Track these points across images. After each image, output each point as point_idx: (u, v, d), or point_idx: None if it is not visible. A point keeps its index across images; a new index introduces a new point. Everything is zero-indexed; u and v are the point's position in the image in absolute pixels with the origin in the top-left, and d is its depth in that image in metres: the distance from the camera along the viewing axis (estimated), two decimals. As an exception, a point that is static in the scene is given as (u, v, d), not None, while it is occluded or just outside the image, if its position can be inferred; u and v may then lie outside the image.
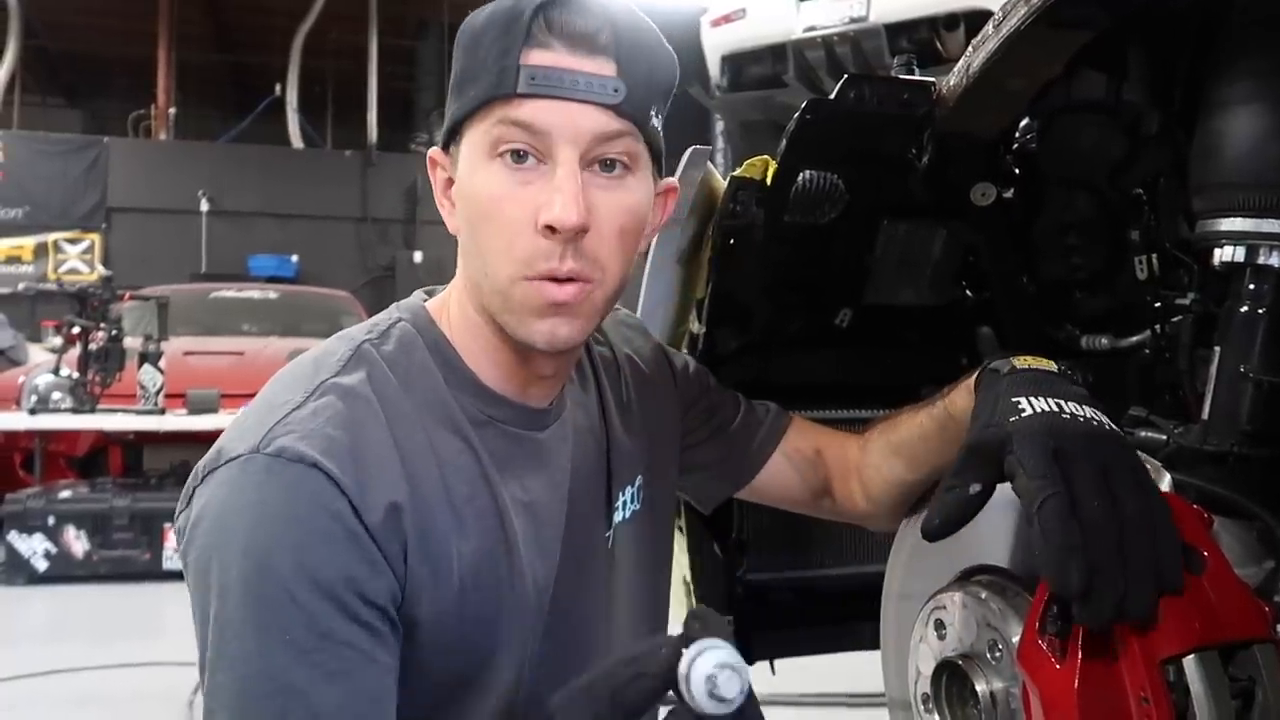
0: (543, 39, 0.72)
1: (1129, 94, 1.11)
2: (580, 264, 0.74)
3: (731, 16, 5.00)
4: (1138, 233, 1.16)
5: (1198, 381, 1.06)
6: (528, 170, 0.73)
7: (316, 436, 0.69)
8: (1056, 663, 0.70)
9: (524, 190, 0.73)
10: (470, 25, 0.75)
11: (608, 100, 0.72)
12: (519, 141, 0.72)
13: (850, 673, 1.81)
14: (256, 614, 0.65)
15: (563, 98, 0.71)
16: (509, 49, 0.71)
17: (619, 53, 0.73)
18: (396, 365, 0.77)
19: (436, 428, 0.76)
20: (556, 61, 0.72)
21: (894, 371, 1.46)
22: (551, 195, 0.71)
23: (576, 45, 0.72)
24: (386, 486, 0.70)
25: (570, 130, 0.72)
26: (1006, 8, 0.98)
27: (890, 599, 1.10)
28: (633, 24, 0.75)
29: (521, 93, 0.71)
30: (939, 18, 4.23)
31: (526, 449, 0.82)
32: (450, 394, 0.78)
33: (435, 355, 0.79)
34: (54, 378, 4.56)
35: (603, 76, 0.72)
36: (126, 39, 11.50)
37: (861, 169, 1.23)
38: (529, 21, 0.71)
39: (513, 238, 0.73)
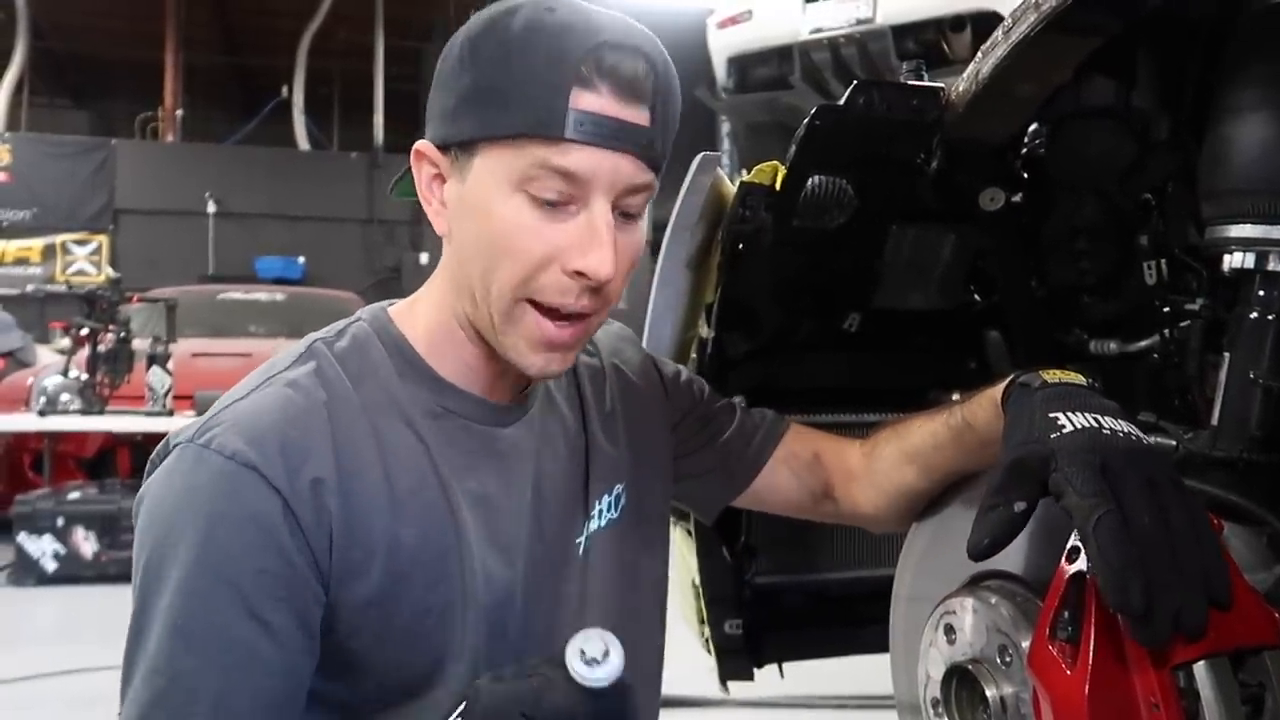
0: (592, 81, 0.70)
1: (1138, 99, 1.11)
2: (594, 302, 0.75)
3: (737, 18, 4.99)
4: (1146, 238, 1.16)
5: (1207, 387, 1.06)
6: (556, 208, 0.72)
7: (247, 426, 0.70)
8: (1067, 668, 0.70)
9: (549, 228, 0.72)
10: (500, 33, 0.71)
11: (643, 152, 0.72)
12: (556, 188, 0.71)
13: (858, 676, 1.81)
14: (159, 599, 0.68)
15: (607, 147, 0.70)
16: (558, 87, 0.69)
17: (655, 100, 0.72)
18: (348, 360, 0.78)
19: (384, 418, 0.76)
20: (604, 108, 0.70)
21: (902, 375, 1.46)
22: (589, 245, 0.72)
23: (622, 91, 0.71)
24: (312, 465, 0.71)
25: (609, 179, 0.72)
26: (1016, 14, 0.98)
27: (899, 602, 1.10)
28: (665, 67, 0.73)
29: (569, 138, 0.69)
30: (945, 19, 4.22)
31: (484, 444, 0.81)
32: (403, 388, 0.78)
33: (390, 350, 0.80)
34: (63, 379, 4.58)
35: (641, 126, 0.72)
36: (133, 41, 11.53)
37: (870, 174, 1.23)
38: (579, 61, 0.69)
39: (531, 271, 0.73)
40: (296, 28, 10.81)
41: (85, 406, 4.46)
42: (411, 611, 0.75)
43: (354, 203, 10.79)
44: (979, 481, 1.01)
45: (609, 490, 0.91)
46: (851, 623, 1.44)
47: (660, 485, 0.98)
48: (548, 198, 0.71)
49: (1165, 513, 0.63)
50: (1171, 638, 0.64)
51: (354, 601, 0.72)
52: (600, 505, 0.90)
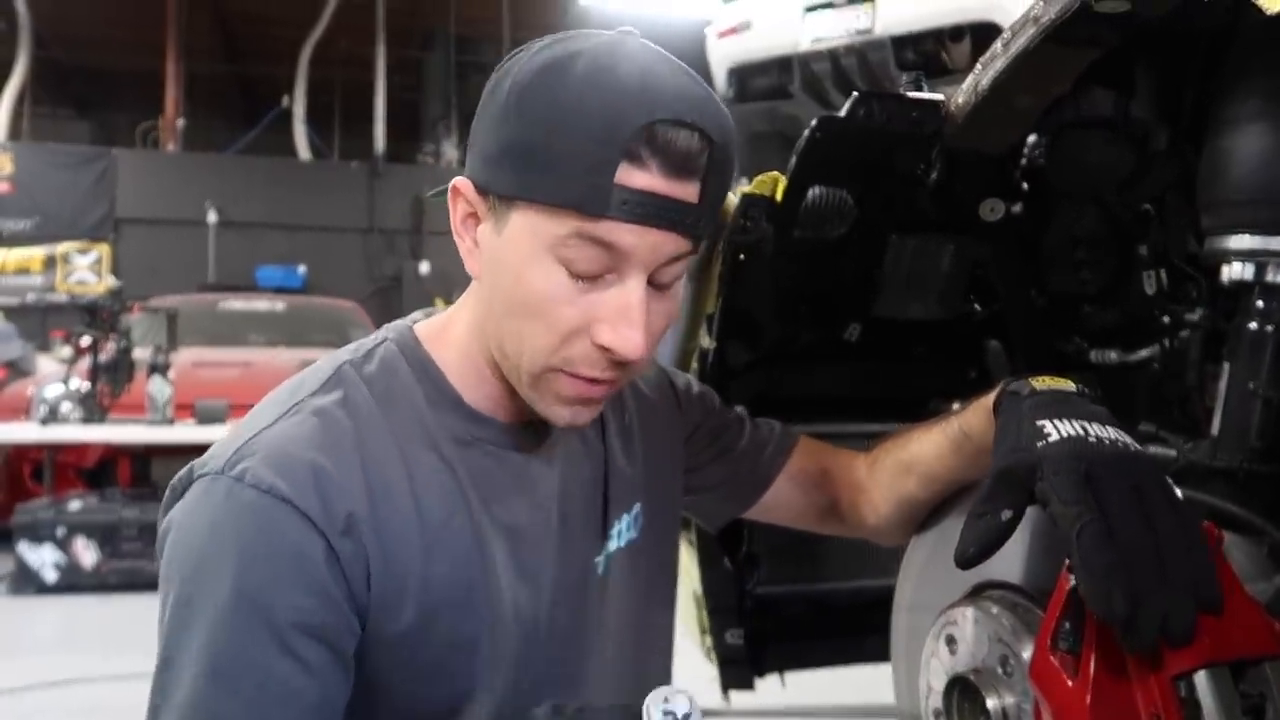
0: (643, 157, 0.66)
1: (1137, 110, 1.12)
2: (623, 374, 0.74)
3: (737, 28, 5.01)
4: (1146, 248, 1.17)
5: (1207, 397, 1.06)
6: (592, 278, 0.70)
7: (279, 457, 0.69)
8: (1069, 679, 0.70)
9: (583, 297, 0.70)
10: (553, 90, 0.67)
11: (688, 230, 0.70)
12: (591, 258, 0.69)
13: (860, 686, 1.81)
14: (191, 633, 0.66)
15: (650, 225, 0.68)
16: (605, 164, 0.66)
17: (707, 174, 0.68)
18: (376, 385, 0.76)
19: (414, 447, 0.75)
20: (652, 185, 0.67)
21: (903, 385, 1.47)
22: (618, 321, 0.70)
23: (673, 169, 0.67)
24: (347, 499, 0.70)
25: (649, 256, 0.69)
26: (1015, 26, 0.99)
27: (901, 612, 1.10)
28: (723, 138, 0.69)
29: (611, 215, 0.67)
30: (944, 30, 4.23)
31: (512, 470, 0.80)
32: (432, 414, 0.77)
33: (419, 375, 0.78)
34: (64, 389, 4.57)
35: (688, 204, 0.68)
36: (135, 51, 11.57)
37: (871, 185, 1.24)
38: (631, 136, 0.65)
39: (561, 339, 0.71)
40: (298, 37, 10.84)
41: (86, 416, 4.46)
42: (440, 645, 0.74)
43: (355, 212, 10.81)
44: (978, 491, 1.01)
45: (628, 510, 0.90)
46: (853, 632, 1.44)
47: (674, 501, 0.98)
48: (582, 269, 0.69)
49: (1151, 519, 0.63)
50: (1170, 647, 0.64)
51: (387, 636, 0.72)
52: (620, 525, 0.89)
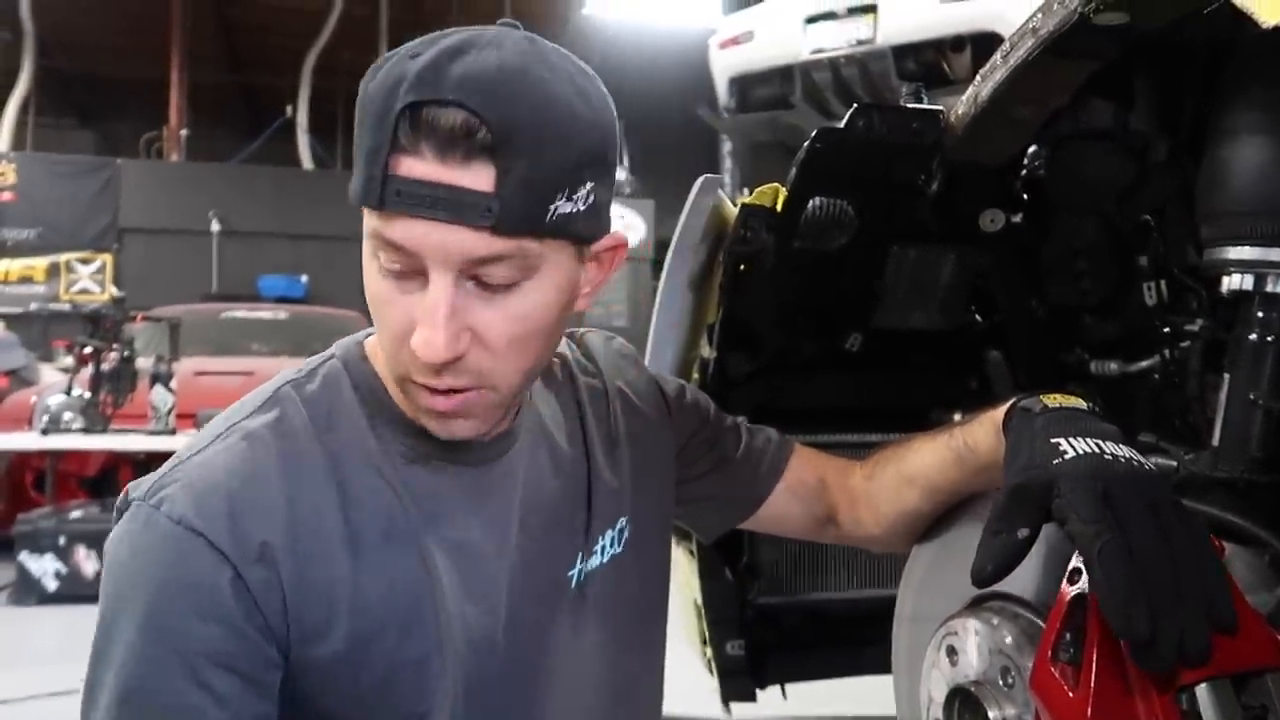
0: (411, 143, 0.62)
1: (1136, 122, 1.12)
2: (461, 379, 0.68)
3: (739, 39, 5.03)
4: (1146, 259, 1.17)
5: (1207, 407, 1.06)
6: (406, 279, 0.67)
7: (196, 486, 0.68)
8: (1070, 690, 0.70)
9: (403, 299, 0.67)
10: (364, 87, 0.66)
11: (482, 221, 0.62)
12: (393, 259, 0.66)
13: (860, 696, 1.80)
14: (108, 660, 0.67)
15: (431, 217, 0.63)
16: (378, 151, 0.63)
17: (502, 151, 0.62)
18: (316, 405, 0.74)
19: (351, 466, 0.73)
20: (425, 173, 0.62)
21: (904, 395, 1.47)
22: (421, 322, 0.65)
23: (448, 150, 0.62)
24: (262, 527, 0.68)
25: (440, 254, 0.64)
26: (1015, 38, 0.99)
27: (902, 623, 1.10)
28: (527, 106, 0.63)
29: (388, 209, 0.63)
30: (945, 40, 4.25)
31: (462, 485, 0.77)
32: (374, 431, 0.75)
33: (361, 392, 0.76)
34: (66, 398, 4.57)
35: (475, 192, 0.62)
36: (139, 61, 11.61)
37: (871, 196, 1.24)
38: (395, 121, 0.62)
39: (395, 345, 0.69)
40: (301, 48, 10.88)
41: (88, 425, 4.46)
42: (385, 666, 0.72)
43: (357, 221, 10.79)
44: (980, 502, 1.01)
45: (612, 525, 0.87)
46: (854, 643, 1.44)
47: (663, 512, 0.95)
48: (390, 268, 0.66)
49: (1168, 538, 0.63)
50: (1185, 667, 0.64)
51: (320, 661, 0.70)
52: (603, 541, 0.86)
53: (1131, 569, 0.61)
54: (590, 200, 0.67)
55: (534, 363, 0.72)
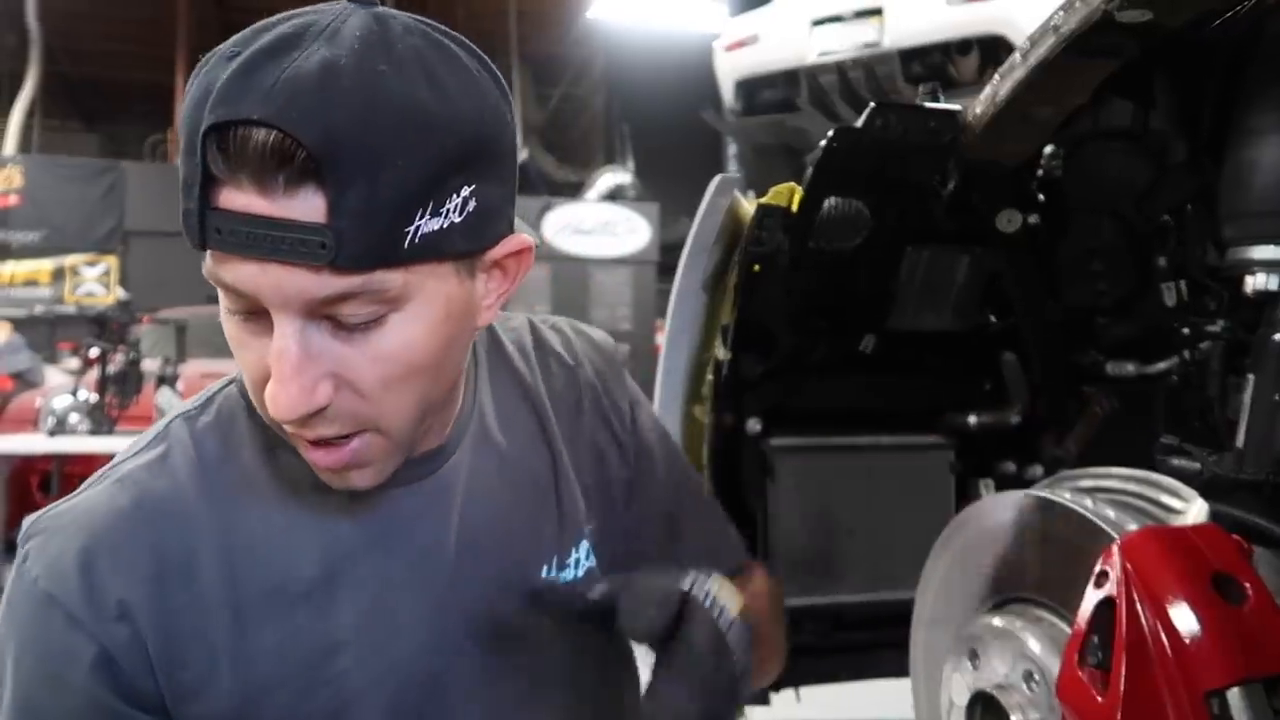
0: (224, 171, 0.52)
1: (1156, 121, 1.12)
2: (334, 427, 0.58)
3: (745, 41, 5.02)
4: (1165, 259, 1.16)
5: (1229, 409, 1.05)
6: (255, 320, 0.57)
7: (53, 542, 0.62)
8: (1098, 695, 0.69)
9: (256, 342, 0.57)
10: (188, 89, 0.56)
11: (316, 258, 0.52)
12: (232, 302, 0.57)
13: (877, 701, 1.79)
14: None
15: (258, 257, 0.53)
16: (191, 183, 0.53)
17: (330, 175, 0.51)
18: (206, 441, 0.66)
19: (244, 510, 0.65)
20: (245, 205, 0.52)
21: (917, 397, 1.46)
22: (273, 375, 0.56)
23: (265, 178, 0.51)
24: (120, 584, 0.61)
25: (277, 297, 0.54)
26: (1034, 37, 0.98)
27: (920, 626, 1.09)
28: (355, 115, 0.51)
29: (212, 248, 0.54)
30: (952, 43, 4.24)
31: (382, 511, 0.67)
32: (274, 463, 0.66)
33: (258, 419, 0.66)
34: (72, 400, 4.58)
35: (304, 224, 0.51)
36: (144, 65, 11.64)
37: (886, 196, 1.23)
38: (202, 149, 0.52)
39: (256, 391, 0.59)
40: (306, 51, 10.92)
41: (94, 427, 4.46)
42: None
43: (362, 224, 10.85)
44: (1000, 504, 1.00)
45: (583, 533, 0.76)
46: (869, 647, 1.43)
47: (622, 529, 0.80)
48: (234, 310, 0.57)
49: None
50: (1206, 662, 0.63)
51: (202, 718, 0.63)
52: (578, 553, 0.75)
53: None
54: (469, 208, 0.56)
55: (424, 397, 0.61)
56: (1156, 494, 0.87)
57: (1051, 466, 1.38)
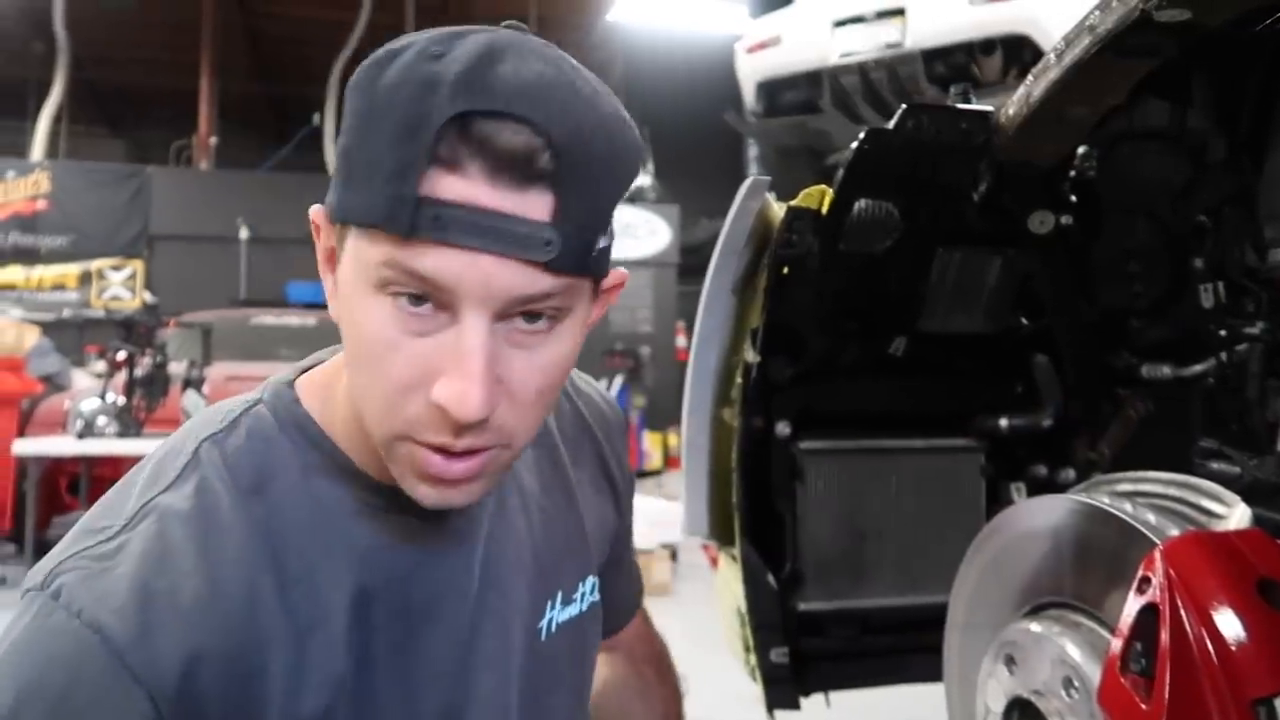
0: (454, 158, 0.51)
1: (1194, 120, 1.10)
2: (482, 438, 0.57)
3: (766, 43, 5.01)
4: (1202, 260, 1.14)
5: (1269, 412, 1.04)
6: (423, 317, 0.55)
7: (101, 578, 0.57)
8: (1142, 703, 0.68)
9: (417, 343, 0.55)
10: (370, 83, 0.55)
11: (537, 256, 0.53)
12: (414, 288, 0.54)
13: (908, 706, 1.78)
14: None
15: (477, 249, 0.52)
16: (407, 167, 0.52)
17: (562, 177, 0.52)
18: (239, 466, 0.63)
19: (289, 536, 0.62)
20: (471, 196, 0.52)
21: (948, 400, 1.45)
22: (451, 372, 0.54)
23: (501, 172, 0.52)
24: (184, 635, 0.57)
25: (482, 291, 0.53)
26: (1070, 37, 0.97)
27: (954, 631, 1.08)
28: (576, 138, 0.53)
29: (419, 236, 0.52)
30: (975, 43, 4.22)
31: (418, 540, 0.66)
32: (310, 487, 0.64)
33: (295, 441, 0.65)
34: (100, 403, 4.62)
35: (533, 222, 0.52)
36: (169, 71, 11.75)
37: (917, 197, 1.23)
38: (439, 132, 0.51)
39: (397, 398, 0.56)
40: (328, 57, 10.97)
41: (122, 430, 4.51)
42: None
43: (383, 228, 10.91)
44: (1037, 508, 0.99)
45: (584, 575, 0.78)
46: (901, 651, 1.42)
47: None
48: (408, 292, 0.54)
49: None
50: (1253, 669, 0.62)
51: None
52: (584, 588, 0.77)
53: None
54: (612, 234, 0.58)
55: (546, 413, 0.61)
56: (1197, 498, 0.86)
57: (1084, 470, 1.37)
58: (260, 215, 10.33)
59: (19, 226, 9.62)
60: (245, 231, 10.23)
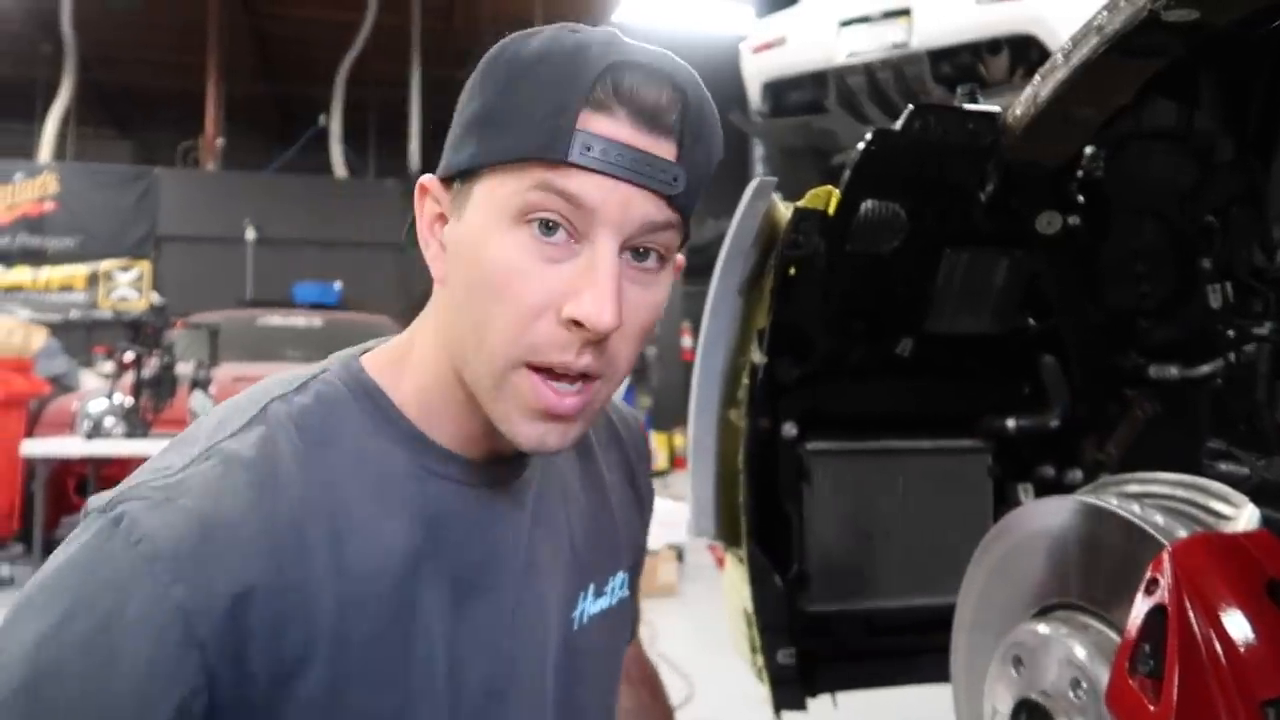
0: (606, 103, 0.61)
1: (1201, 120, 1.10)
2: (597, 363, 0.64)
3: (772, 43, 5.01)
4: (1210, 261, 1.14)
5: (1277, 413, 1.04)
6: (556, 246, 0.62)
7: (165, 508, 0.59)
8: (1150, 704, 0.68)
9: (549, 270, 0.62)
10: (512, 55, 0.64)
11: (666, 189, 0.62)
12: (555, 211, 0.61)
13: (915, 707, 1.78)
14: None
15: (618, 177, 0.61)
16: (566, 106, 0.61)
17: (684, 134, 0.63)
18: (307, 421, 0.67)
19: (346, 491, 0.66)
20: (618, 133, 0.61)
21: (956, 401, 1.45)
22: (585, 286, 0.61)
23: (642, 118, 0.62)
24: (238, 569, 0.59)
25: (618, 213, 0.62)
26: (1077, 37, 0.97)
27: (962, 632, 1.08)
28: (699, 102, 0.64)
29: (574, 161, 0.60)
30: (982, 43, 4.21)
31: (472, 511, 0.70)
32: (377, 449, 0.68)
33: (363, 406, 0.69)
34: (107, 403, 4.64)
35: (664, 160, 0.62)
36: (176, 72, 11.79)
37: (924, 198, 1.23)
38: (595, 79, 0.61)
39: (526, 321, 0.62)
40: (334, 58, 10.99)
41: (129, 430, 4.52)
42: (356, 716, 0.64)
43: (390, 228, 10.91)
44: (1044, 509, 0.99)
45: (621, 567, 0.83)
46: (908, 652, 1.42)
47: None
48: (547, 217, 0.62)
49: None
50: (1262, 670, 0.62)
51: (297, 698, 0.62)
52: (614, 582, 0.82)
53: None
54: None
55: (635, 361, 0.69)
56: (1206, 499, 0.86)
57: (1092, 471, 1.36)
58: (267, 216, 10.36)
59: (27, 228, 9.66)
60: (252, 232, 10.26)
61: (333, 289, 10.26)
